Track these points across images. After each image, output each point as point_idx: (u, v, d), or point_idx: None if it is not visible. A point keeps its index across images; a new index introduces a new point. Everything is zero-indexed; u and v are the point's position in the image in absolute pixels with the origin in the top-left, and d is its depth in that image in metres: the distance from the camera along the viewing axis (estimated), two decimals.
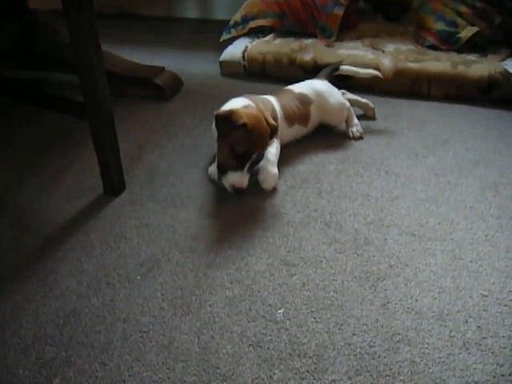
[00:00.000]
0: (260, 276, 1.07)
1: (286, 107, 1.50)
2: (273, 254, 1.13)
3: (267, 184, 1.33)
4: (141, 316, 0.99)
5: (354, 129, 1.60)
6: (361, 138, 1.58)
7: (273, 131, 1.34)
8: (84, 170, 1.46)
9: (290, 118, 1.50)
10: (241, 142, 1.25)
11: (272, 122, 1.34)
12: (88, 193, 1.36)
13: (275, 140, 1.42)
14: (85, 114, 1.26)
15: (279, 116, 1.46)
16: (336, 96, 1.60)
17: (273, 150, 1.39)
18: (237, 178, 1.27)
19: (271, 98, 1.49)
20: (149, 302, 1.02)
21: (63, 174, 1.45)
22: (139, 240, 1.19)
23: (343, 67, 1.72)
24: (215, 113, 1.29)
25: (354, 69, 1.72)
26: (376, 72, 1.73)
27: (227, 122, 1.25)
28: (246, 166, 1.27)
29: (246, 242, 1.17)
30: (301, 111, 1.53)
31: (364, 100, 1.70)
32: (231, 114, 1.25)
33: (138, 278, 1.08)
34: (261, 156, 1.32)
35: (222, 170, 1.29)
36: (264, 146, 1.32)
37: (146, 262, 1.12)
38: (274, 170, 1.35)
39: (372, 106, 1.69)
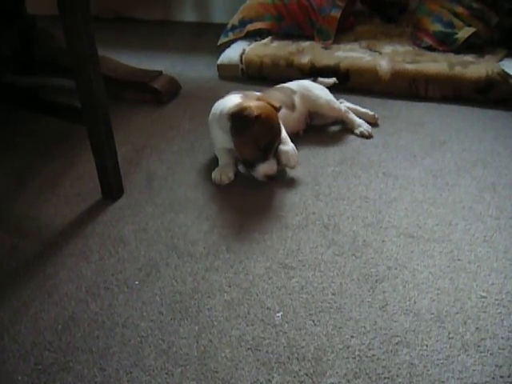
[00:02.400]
0: (258, 279, 1.07)
1: (269, 96, 1.53)
2: (271, 257, 1.13)
3: (292, 162, 1.36)
4: (139, 321, 0.99)
5: (362, 129, 1.61)
6: (371, 136, 1.60)
7: (278, 112, 1.38)
8: (82, 174, 1.46)
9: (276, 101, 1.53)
10: (262, 134, 1.30)
11: (275, 103, 1.37)
12: (86, 197, 1.36)
13: None
14: (82, 119, 1.26)
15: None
16: (321, 89, 1.66)
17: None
18: (267, 168, 1.32)
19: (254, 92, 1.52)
20: (147, 306, 1.02)
21: (61, 179, 1.45)
22: (137, 244, 1.19)
23: (320, 79, 1.77)
24: (228, 112, 1.33)
25: (328, 80, 1.78)
26: (333, 79, 1.79)
27: (242, 119, 1.29)
28: (271, 154, 1.33)
29: (244, 245, 1.17)
30: (284, 99, 1.56)
31: (363, 109, 1.70)
32: (243, 109, 1.30)
33: (137, 282, 1.08)
34: (280, 140, 1.36)
35: (250, 165, 1.34)
36: (280, 129, 1.35)
37: (145, 266, 1.12)
38: (290, 146, 1.37)
39: (372, 113, 1.68)
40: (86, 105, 1.23)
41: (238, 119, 1.31)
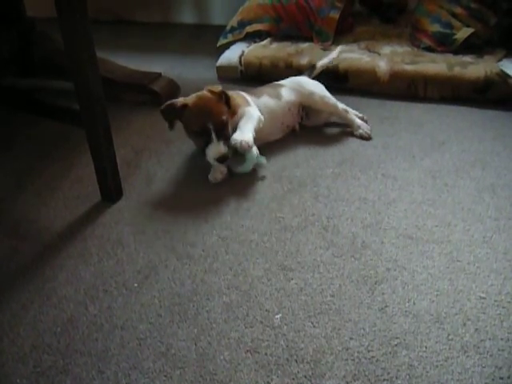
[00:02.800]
0: (257, 281, 1.07)
1: (251, 92, 1.59)
2: (270, 258, 1.13)
3: (237, 143, 1.33)
4: (138, 323, 0.98)
5: (361, 131, 1.61)
6: (370, 137, 1.60)
7: (221, 96, 1.41)
8: (81, 176, 1.46)
9: (256, 94, 1.57)
10: (191, 121, 1.38)
11: (215, 89, 1.41)
12: (85, 200, 1.36)
13: (248, 109, 1.45)
14: (81, 122, 1.26)
15: (243, 94, 1.54)
16: (315, 84, 1.67)
17: (243, 121, 1.41)
18: (213, 150, 1.36)
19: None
20: (146, 308, 1.02)
21: (60, 182, 1.45)
22: (136, 247, 1.19)
23: (319, 63, 1.79)
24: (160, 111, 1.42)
25: (326, 59, 1.81)
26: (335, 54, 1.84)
27: (171, 111, 1.40)
28: (213, 137, 1.35)
29: (243, 246, 1.17)
30: (270, 91, 1.61)
31: (353, 111, 1.68)
32: (170, 103, 1.40)
33: (136, 284, 1.08)
34: (222, 122, 1.37)
35: (202, 151, 1.40)
36: (217, 113, 1.37)
37: (143, 268, 1.12)
38: (242, 136, 1.35)
39: (360, 115, 1.67)
40: (84, 107, 1.23)
41: (167, 113, 1.42)
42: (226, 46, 2.20)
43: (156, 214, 1.29)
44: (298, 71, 1.93)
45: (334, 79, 1.87)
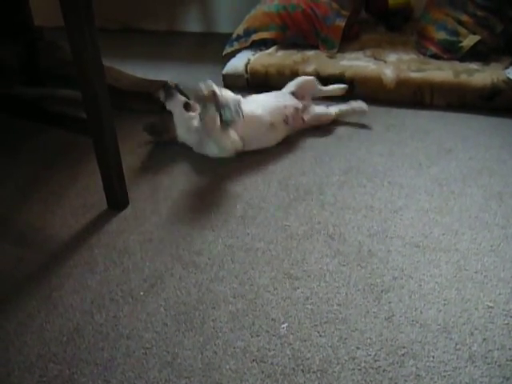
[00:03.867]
0: (263, 290, 1.07)
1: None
2: (276, 267, 1.13)
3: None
4: (144, 332, 0.98)
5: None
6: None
7: None
8: (88, 185, 1.47)
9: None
10: None
11: None
12: (92, 208, 1.36)
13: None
14: (88, 130, 1.27)
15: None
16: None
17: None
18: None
19: None
20: (152, 317, 1.02)
21: (67, 190, 1.46)
22: (142, 255, 1.19)
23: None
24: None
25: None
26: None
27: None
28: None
29: (248, 255, 1.16)
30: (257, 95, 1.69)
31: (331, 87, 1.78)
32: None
33: (142, 293, 1.08)
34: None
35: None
36: None
37: (150, 277, 1.12)
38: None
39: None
40: (91, 116, 1.24)
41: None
42: (232, 55, 2.21)
43: (162, 223, 1.30)
44: None
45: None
